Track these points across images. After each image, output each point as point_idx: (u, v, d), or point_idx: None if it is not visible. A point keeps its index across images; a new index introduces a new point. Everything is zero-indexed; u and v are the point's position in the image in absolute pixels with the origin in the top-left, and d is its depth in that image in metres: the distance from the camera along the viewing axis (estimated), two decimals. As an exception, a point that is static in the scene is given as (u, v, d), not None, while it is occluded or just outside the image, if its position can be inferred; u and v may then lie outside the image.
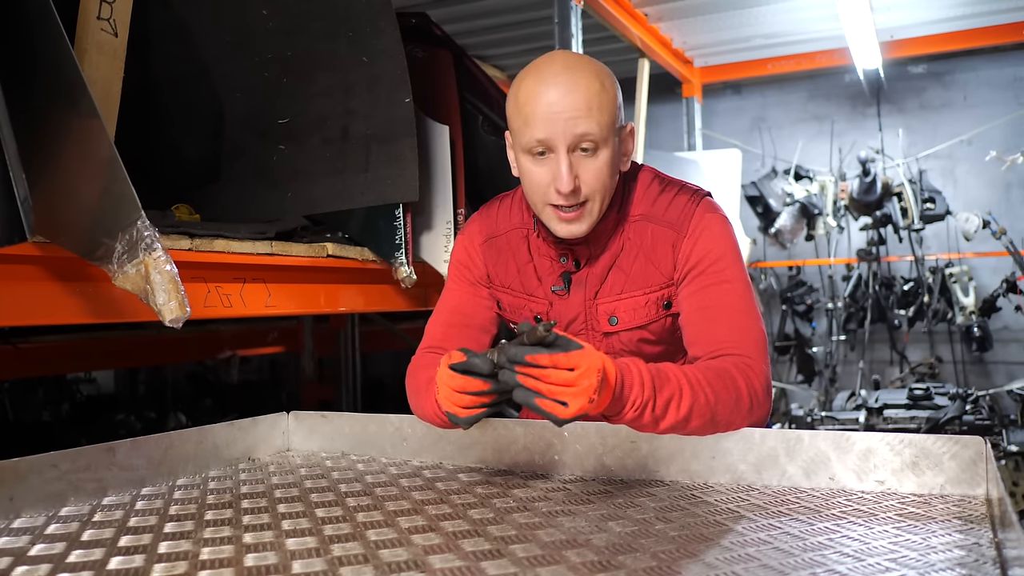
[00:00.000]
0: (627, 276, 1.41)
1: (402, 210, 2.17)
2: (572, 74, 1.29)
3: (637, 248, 1.40)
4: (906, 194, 5.21)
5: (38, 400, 4.64)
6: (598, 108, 1.28)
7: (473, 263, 1.53)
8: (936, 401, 3.99)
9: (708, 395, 1.20)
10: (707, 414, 1.20)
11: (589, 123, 1.27)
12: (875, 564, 0.84)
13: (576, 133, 1.27)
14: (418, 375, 1.43)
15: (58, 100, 1.40)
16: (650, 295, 1.40)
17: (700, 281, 1.35)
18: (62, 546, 0.99)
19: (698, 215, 1.38)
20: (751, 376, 1.26)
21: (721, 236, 1.38)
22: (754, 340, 1.31)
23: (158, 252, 1.33)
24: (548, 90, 1.28)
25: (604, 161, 1.31)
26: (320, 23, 2.17)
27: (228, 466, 1.47)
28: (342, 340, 4.34)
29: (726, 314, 1.32)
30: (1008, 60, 5.62)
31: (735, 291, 1.34)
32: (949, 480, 1.13)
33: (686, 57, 5.42)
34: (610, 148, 1.31)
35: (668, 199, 1.40)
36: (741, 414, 1.24)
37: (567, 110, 1.26)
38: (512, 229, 1.50)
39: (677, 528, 1.00)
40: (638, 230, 1.40)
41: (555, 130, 1.27)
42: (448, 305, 1.55)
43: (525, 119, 1.30)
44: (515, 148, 1.37)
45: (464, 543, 0.96)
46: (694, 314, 1.35)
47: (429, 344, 1.53)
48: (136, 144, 1.94)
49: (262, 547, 0.97)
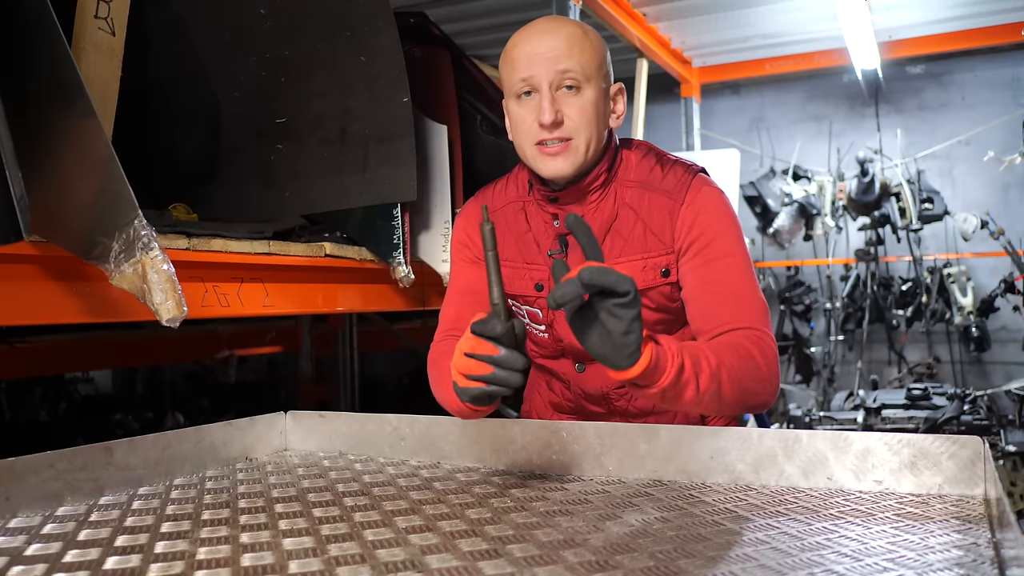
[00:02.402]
0: (625, 241, 1.42)
1: (400, 210, 2.16)
2: (555, 22, 1.39)
3: (635, 214, 1.42)
4: (904, 194, 5.22)
5: (36, 400, 4.64)
6: (580, 49, 1.33)
7: (472, 241, 1.54)
8: (934, 401, 4.00)
9: (732, 363, 1.20)
10: (735, 381, 1.20)
11: (570, 61, 1.32)
12: (873, 564, 0.84)
13: (557, 70, 1.32)
14: (439, 362, 1.43)
15: (55, 99, 1.40)
16: (648, 260, 1.41)
17: (703, 256, 1.37)
18: (58, 546, 0.99)
19: (695, 186, 1.40)
20: (763, 347, 1.28)
21: (720, 208, 1.40)
22: (759, 312, 1.34)
23: (155, 251, 1.32)
24: (532, 36, 1.36)
25: (588, 100, 1.34)
26: (318, 23, 2.17)
27: (225, 466, 1.46)
28: (340, 340, 4.34)
29: (731, 289, 1.34)
30: (1006, 60, 5.63)
31: (736, 265, 1.36)
32: (947, 480, 1.13)
33: (684, 57, 5.42)
34: (594, 89, 1.35)
35: (664, 169, 1.43)
36: (763, 383, 1.26)
37: (549, 49, 1.33)
38: (508, 203, 1.53)
39: (675, 528, 1.00)
40: (635, 196, 1.42)
41: (537, 67, 1.33)
42: (457, 287, 1.56)
43: (511, 64, 1.36)
44: (506, 101, 1.42)
45: (461, 543, 0.96)
46: (698, 288, 1.37)
47: (445, 328, 1.53)
48: (134, 143, 1.94)
49: (259, 547, 0.96)
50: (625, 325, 1.00)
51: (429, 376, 1.46)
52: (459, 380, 1.14)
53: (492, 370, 1.10)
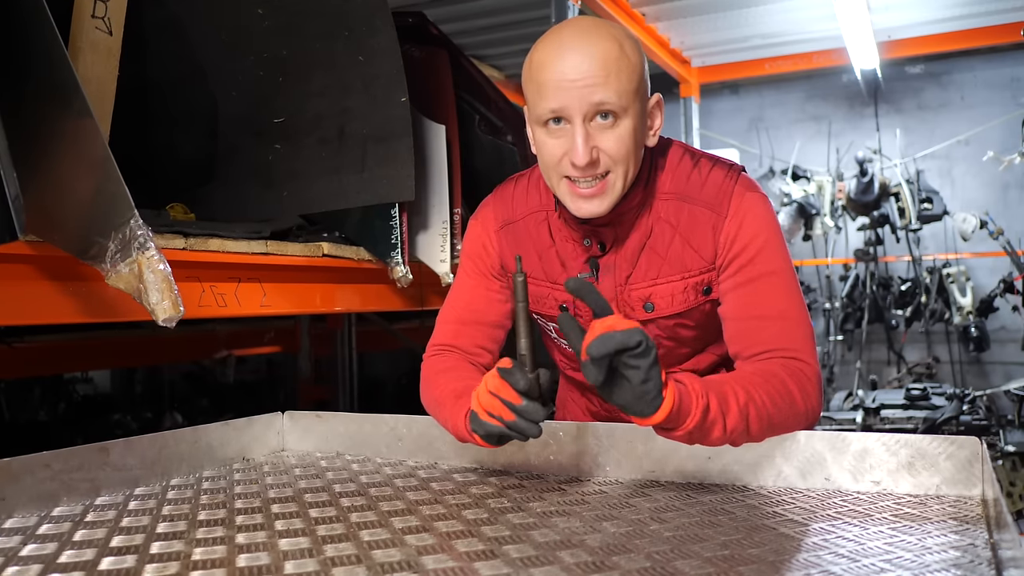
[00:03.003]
0: (663, 259, 1.31)
1: (398, 210, 2.16)
2: (588, 38, 1.19)
3: (672, 229, 1.30)
4: (903, 194, 5.22)
5: (35, 400, 4.64)
6: (616, 74, 1.17)
7: (487, 252, 1.44)
8: (933, 401, 4.00)
9: (763, 399, 1.14)
10: (765, 419, 1.14)
11: (607, 91, 1.17)
12: (870, 565, 0.84)
13: (592, 101, 1.17)
14: (436, 382, 1.37)
15: (51, 99, 1.40)
16: (689, 280, 1.31)
17: (745, 273, 1.27)
18: (54, 546, 0.99)
19: (738, 194, 1.28)
20: (802, 380, 1.20)
21: (765, 219, 1.28)
22: (803, 336, 1.24)
23: (151, 251, 1.32)
24: (562, 56, 1.18)
25: (626, 130, 1.20)
26: (316, 22, 2.16)
27: (222, 466, 1.46)
28: (339, 340, 4.34)
29: (775, 312, 1.25)
30: (1005, 60, 5.63)
31: (782, 283, 1.26)
32: (945, 481, 1.13)
33: (684, 57, 5.42)
34: (632, 117, 1.20)
35: (702, 176, 1.30)
36: (797, 418, 1.19)
37: (582, 77, 1.16)
38: (531, 213, 1.40)
39: (672, 529, 1.00)
40: (672, 209, 1.30)
41: (569, 99, 1.17)
42: (461, 300, 1.48)
43: (538, 88, 1.21)
44: (530, 121, 1.28)
45: (458, 543, 0.96)
46: (739, 309, 1.27)
47: (441, 341, 1.47)
48: (131, 143, 1.94)
49: (255, 548, 0.96)
50: (643, 374, 0.99)
51: (424, 393, 1.41)
52: (480, 413, 1.14)
53: (514, 418, 1.11)
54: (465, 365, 1.42)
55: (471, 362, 1.44)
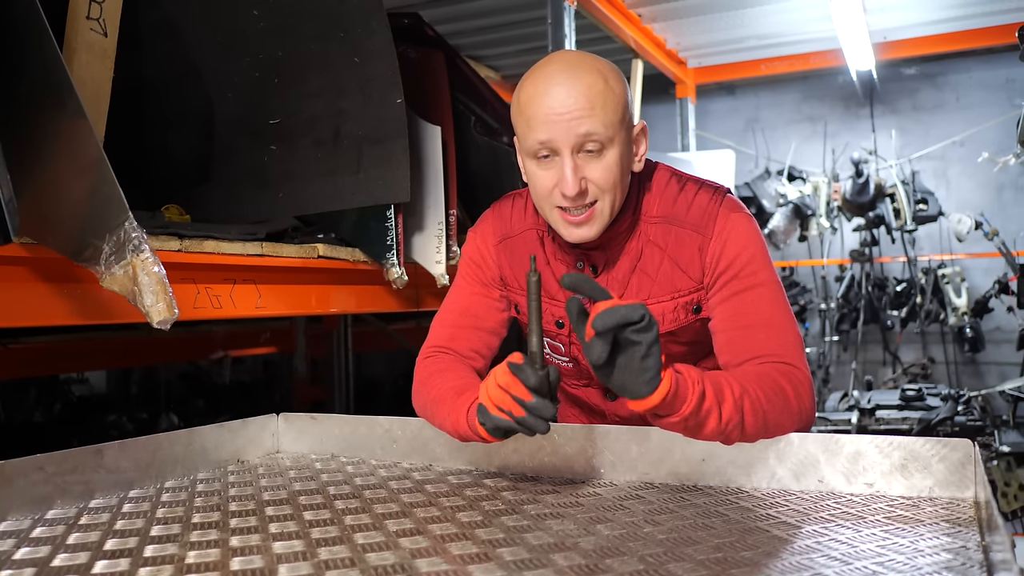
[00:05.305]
0: (653, 281, 1.36)
1: (393, 211, 2.16)
2: (573, 72, 1.24)
3: (661, 251, 1.35)
4: (899, 195, 5.23)
5: (30, 401, 4.63)
6: (602, 106, 1.23)
7: (486, 263, 1.49)
8: (928, 402, 4.01)
9: (757, 394, 1.16)
10: (760, 414, 1.15)
11: (593, 122, 1.22)
12: (862, 568, 0.84)
13: (579, 133, 1.23)
14: (432, 382, 1.38)
15: (45, 100, 1.39)
16: (679, 299, 1.36)
17: (732, 287, 1.31)
18: (47, 550, 0.98)
19: (722, 215, 1.33)
20: (796, 382, 1.22)
21: (749, 237, 1.32)
22: (792, 344, 1.27)
23: (146, 253, 1.32)
24: (549, 90, 1.24)
25: (612, 160, 1.26)
26: (311, 23, 2.16)
27: (217, 468, 1.46)
28: (335, 341, 4.33)
29: (762, 320, 1.28)
30: (1000, 61, 5.64)
31: (768, 295, 1.30)
32: (938, 483, 1.13)
33: (680, 58, 5.43)
34: (618, 147, 1.26)
35: (688, 199, 1.35)
36: (791, 418, 1.20)
37: (569, 110, 1.22)
38: (526, 230, 1.46)
39: (665, 531, 1.00)
40: (660, 232, 1.35)
41: (557, 131, 1.23)
42: (459, 305, 1.51)
43: (527, 122, 1.27)
44: (520, 152, 1.34)
45: (451, 546, 0.96)
46: (728, 321, 1.30)
47: (437, 344, 1.49)
48: (126, 145, 1.93)
49: (249, 550, 0.96)
50: (645, 349, 1.00)
51: (418, 394, 1.42)
52: (489, 407, 1.14)
53: (524, 414, 1.11)
54: (462, 366, 1.44)
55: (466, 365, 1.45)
